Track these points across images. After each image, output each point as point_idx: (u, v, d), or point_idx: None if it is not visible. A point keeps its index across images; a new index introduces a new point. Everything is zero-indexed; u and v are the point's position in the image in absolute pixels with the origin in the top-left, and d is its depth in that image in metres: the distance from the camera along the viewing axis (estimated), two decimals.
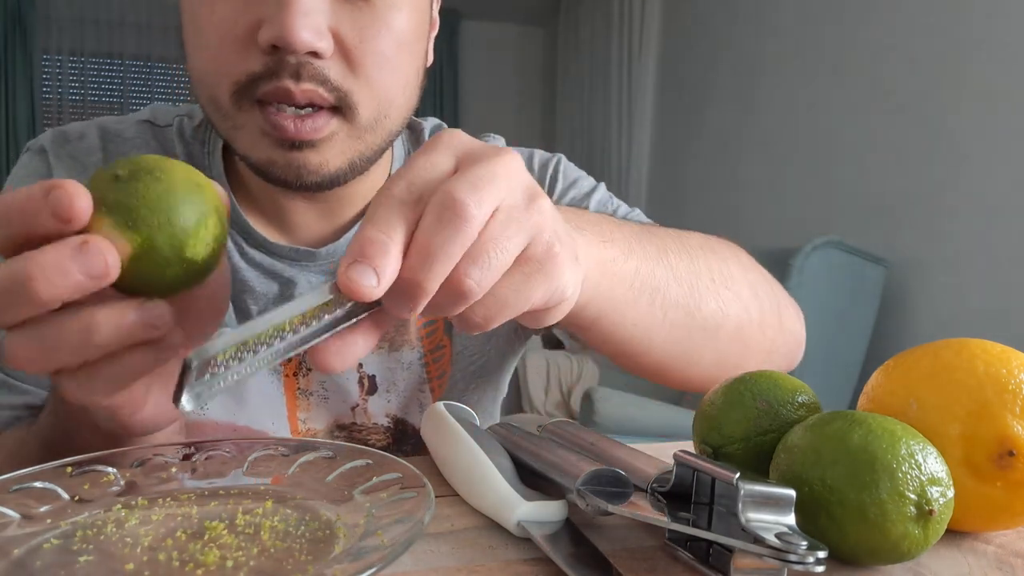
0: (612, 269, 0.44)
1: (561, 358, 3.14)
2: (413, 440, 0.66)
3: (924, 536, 0.31)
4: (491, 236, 0.31)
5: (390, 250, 0.30)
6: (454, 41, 4.81)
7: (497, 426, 0.48)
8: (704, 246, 0.54)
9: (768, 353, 0.59)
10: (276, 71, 0.48)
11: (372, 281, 0.29)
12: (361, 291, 0.29)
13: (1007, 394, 0.35)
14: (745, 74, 2.99)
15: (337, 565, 0.29)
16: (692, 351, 0.53)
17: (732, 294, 0.54)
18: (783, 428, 0.40)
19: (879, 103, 2.27)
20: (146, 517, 0.35)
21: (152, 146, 0.62)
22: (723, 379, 0.57)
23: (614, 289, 0.44)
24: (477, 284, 0.31)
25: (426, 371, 0.66)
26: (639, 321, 0.47)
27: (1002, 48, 1.86)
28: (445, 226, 0.30)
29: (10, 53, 4.11)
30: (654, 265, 0.48)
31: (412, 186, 0.32)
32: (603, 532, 0.38)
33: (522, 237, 0.33)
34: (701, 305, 0.51)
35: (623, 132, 3.81)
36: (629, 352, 0.51)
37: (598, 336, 0.48)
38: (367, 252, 0.30)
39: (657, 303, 0.48)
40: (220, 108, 0.51)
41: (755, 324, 0.56)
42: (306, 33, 0.46)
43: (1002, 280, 1.85)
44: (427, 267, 0.30)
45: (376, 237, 0.30)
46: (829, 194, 2.48)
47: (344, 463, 0.40)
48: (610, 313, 0.45)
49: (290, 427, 0.62)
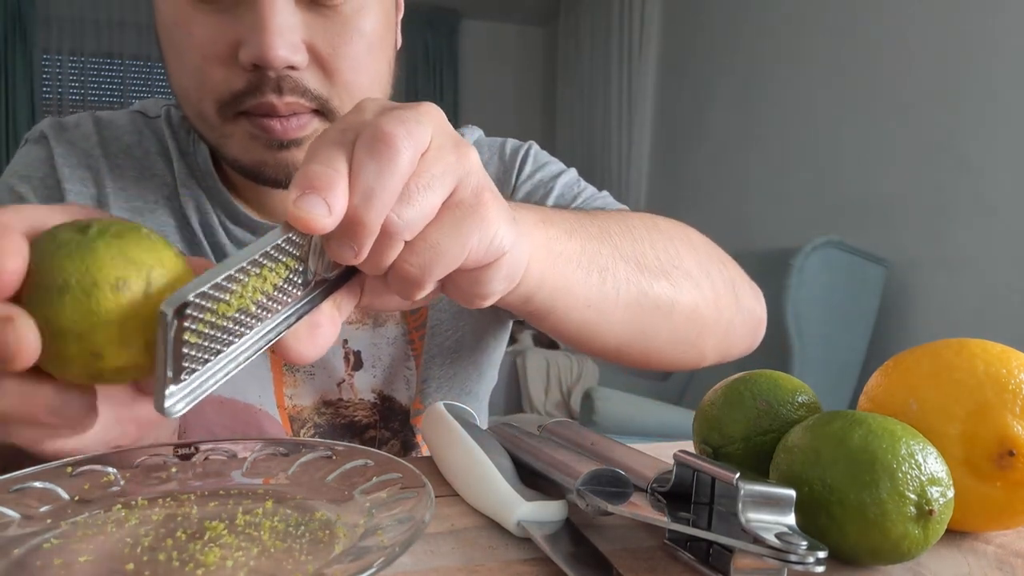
0: (557, 248, 0.43)
1: (561, 358, 3.14)
2: (400, 417, 0.67)
3: (924, 536, 0.31)
4: (416, 173, 0.31)
5: (337, 181, 0.29)
6: (454, 41, 4.81)
7: (497, 426, 0.48)
8: (648, 226, 0.54)
9: (726, 333, 0.58)
10: (259, 87, 0.50)
11: (323, 210, 0.29)
12: (313, 221, 0.29)
13: (1007, 394, 0.35)
14: (745, 74, 2.99)
15: (337, 565, 0.29)
16: (648, 330, 0.52)
17: (681, 273, 0.53)
18: (783, 428, 0.40)
19: (879, 103, 2.26)
20: (146, 517, 0.35)
21: (144, 133, 0.64)
22: (680, 360, 0.57)
23: (562, 269, 0.44)
24: (401, 219, 0.31)
25: (411, 347, 0.68)
26: (593, 300, 0.47)
27: (1002, 48, 1.86)
28: (378, 158, 0.30)
29: (10, 53, 4.11)
30: (599, 244, 0.47)
31: (345, 131, 0.32)
32: (603, 532, 0.38)
33: (449, 178, 0.32)
34: (653, 283, 0.50)
35: (623, 132, 3.81)
36: (587, 334, 0.49)
37: (555, 322, 0.47)
38: (315, 184, 0.29)
39: (608, 282, 0.47)
40: (207, 121, 0.54)
41: (709, 302, 0.55)
42: (283, 51, 0.48)
43: (1002, 280, 1.85)
44: (367, 201, 0.30)
45: (321, 170, 0.30)
46: (829, 194, 2.48)
47: (344, 463, 0.40)
48: (563, 295, 0.44)
49: (276, 402, 0.63)
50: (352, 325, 0.65)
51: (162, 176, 0.62)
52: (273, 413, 0.62)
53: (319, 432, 0.64)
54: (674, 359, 0.57)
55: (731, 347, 0.61)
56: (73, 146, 0.62)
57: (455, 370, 0.70)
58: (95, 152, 0.62)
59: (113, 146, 0.63)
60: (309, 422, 0.64)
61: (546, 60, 4.95)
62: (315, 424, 0.64)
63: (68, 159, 0.61)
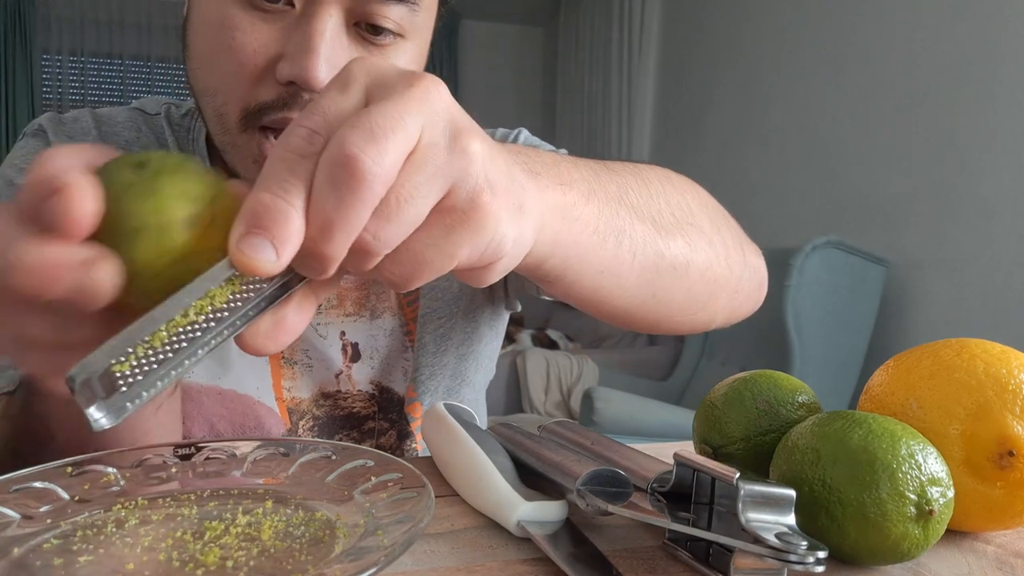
0: (573, 214, 0.40)
1: (561, 358, 3.14)
2: (398, 408, 0.67)
3: (924, 536, 0.31)
4: (397, 183, 0.27)
5: (289, 217, 0.26)
6: (454, 41, 4.81)
7: (497, 426, 0.48)
8: (663, 180, 0.51)
9: (735, 291, 0.56)
10: (287, 103, 0.49)
11: (270, 256, 0.26)
12: (257, 267, 0.26)
13: (1007, 394, 0.35)
14: (745, 74, 2.99)
15: (337, 565, 0.29)
16: (660, 293, 0.50)
17: (695, 230, 0.51)
18: (783, 428, 0.40)
19: (879, 103, 2.26)
20: (146, 517, 0.35)
21: (143, 130, 0.64)
22: (691, 322, 0.56)
23: (577, 235, 0.41)
24: (376, 239, 0.27)
25: (408, 338, 0.68)
26: (607, 266, 0.44)
27: (1002, 48, 1.86)
28: (338, 188, 0.26)
29: (10, 53, 4.11)
30: (616, 206, 0.44)
31: (313, 135, 0.27)
32: (603, 532, 0.38)
33: (439, 184, 0.28)
34: (670, 243, 0.48)
35: (623, 132, 3.81)
36: (596, 299, 0.47)
37: (566, 287, 0.44)
38: (262, 221, 0.26)
39: (624, 246, 0.44)
40: (224, 124, 0.53)
41: (721, 259, 0.53)
42: (324, 75, 0.47)
43: (1002, 280, 1.85)
44: (327, 236, 0.26)
45: (272, 202, 0.26)
46: (829, 194, 2.48)
47: (344, 463, 0.40)
48: (576, 262, 0.42)
49: (275, 395, 0.63)
50: (349, 317, 0.66)
51: None
52: (272, 405, 0.62)
53: (317, 424, 0.64)
54: (684, 321, 0.55)
55: (739, 306, 0.59)
56: (72, 140, 0.62)
57: (449, 358, 0.70)
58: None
59: (112, 142, 0.63)
60: (308, 414, 0.64)
61: (546, 60, 4.94)
62: (314, 416, 0.64)
63: None
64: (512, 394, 3.14)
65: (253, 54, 0.49)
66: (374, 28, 0.50)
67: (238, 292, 0.28)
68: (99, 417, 0.26)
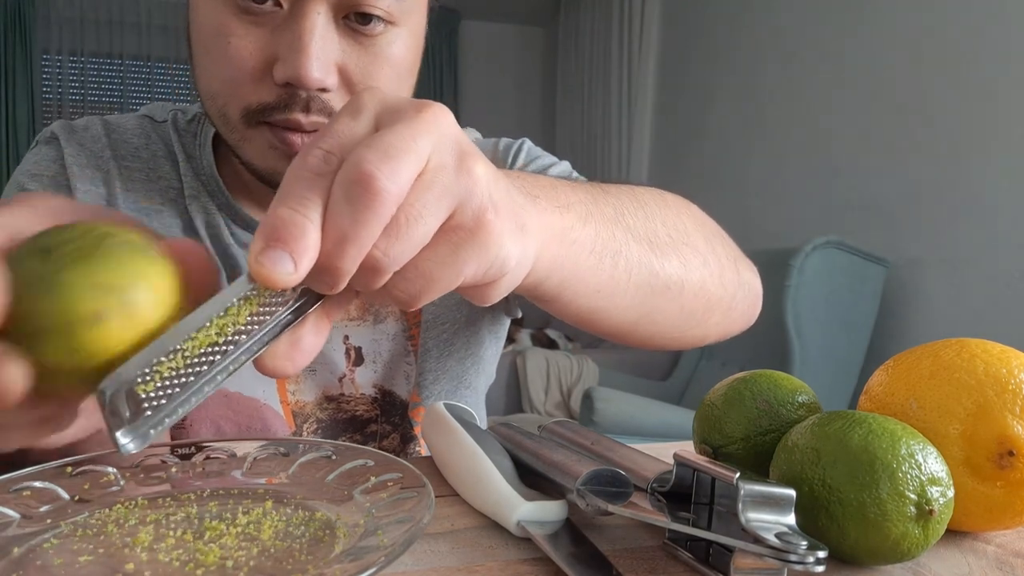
0: (571, 237, 0.41)
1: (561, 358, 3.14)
2: (400, 411, 0.67)
3: (924, 536, 0.31)
4: (407, 203, 0.28)
5: (307, 231, 0.27)
6: (454, 41, 4.81)
7: (497, 426, 0.48)
8: (658, 201, 0.53)
9: (729, 309, 0.57)
10: (288, 103, 0.51)
11: (288, 268, 0.27)
12: (276, 279, 0.27)
13: (1007, 394, 0.35)
14: (745, 74, 2.99)
15: (337, 565, 0.29)
16: (655, 311, 0.51)
17: (690, 249, 0.52)
18: (783, 428, 0.40)
19: (879, 103, 2.26)
20: (146, 517, 0.35)
21: (152, 137, 0.65)
22: (684, 339, 0.57)
23: (575, 257, 0.42)
24: (385, 256, 0.29)
25: (410, 343, 0.68)
26: (603, 287, 0.45)
27: (1002, 48, 1.86)
28: (354, 204, 0.27)
29: (10, 53, 4.11)
30: (613, 228, 0.46)
31: (328, 156, 0.29)
32: (603, 532, 0.38)
33: (446, 203, 0.30)
34: (664, 263, 0.49)
35: (623, 132, 3.81)
36: (592, 318, 0.49)
37: (562, 306, 0.46)
38: (281, 235, 0.27)
39: (620, 266, 0.46)
40: (229, 123, 0.54)
41: (715, 278, 0.54)
42: (317, 73, 0.49)
43: (1002, 280, 1.85)
44: (341, 250, 0.28)
45: (290, 217, 0.27)
46: (829, 194, 2.48)
47: (344, 463, 0.40)
48: (573, 283, 0.43)
49: (280, 398, 0.63)
50: (353, 321, 0.66)
51: (168, 179, 0.63)
52: (277, 408, 0.63)
53: (321, 427, 0.65)
54: (677, 337, 0.57)
55: (733, 323, 0.60)
56: (83, 147, 0.63)
57: (451, 363, 0.70)
58: (105, 154, 0.63)
59: (122, 148, 0.64)
60: (312, 417, 0.64)
61: (546, 60, 4.94)
62: (317, 419, 0.65)
63: (79, 159, 0.62)
64: (512, 394, 3.14)
65: (249, 58, 0.50)
66: (363, 17, 0.51)
67: (255, 313, 0.28)
68: (126, 442, 0.26)
